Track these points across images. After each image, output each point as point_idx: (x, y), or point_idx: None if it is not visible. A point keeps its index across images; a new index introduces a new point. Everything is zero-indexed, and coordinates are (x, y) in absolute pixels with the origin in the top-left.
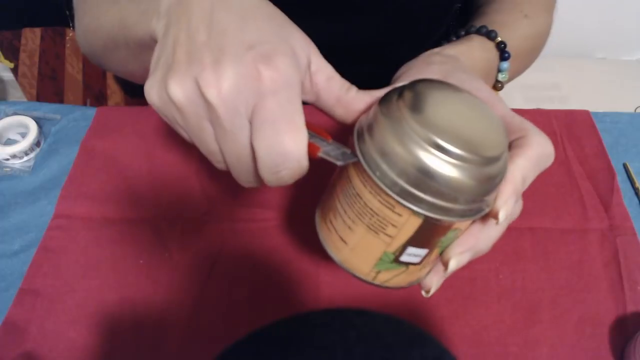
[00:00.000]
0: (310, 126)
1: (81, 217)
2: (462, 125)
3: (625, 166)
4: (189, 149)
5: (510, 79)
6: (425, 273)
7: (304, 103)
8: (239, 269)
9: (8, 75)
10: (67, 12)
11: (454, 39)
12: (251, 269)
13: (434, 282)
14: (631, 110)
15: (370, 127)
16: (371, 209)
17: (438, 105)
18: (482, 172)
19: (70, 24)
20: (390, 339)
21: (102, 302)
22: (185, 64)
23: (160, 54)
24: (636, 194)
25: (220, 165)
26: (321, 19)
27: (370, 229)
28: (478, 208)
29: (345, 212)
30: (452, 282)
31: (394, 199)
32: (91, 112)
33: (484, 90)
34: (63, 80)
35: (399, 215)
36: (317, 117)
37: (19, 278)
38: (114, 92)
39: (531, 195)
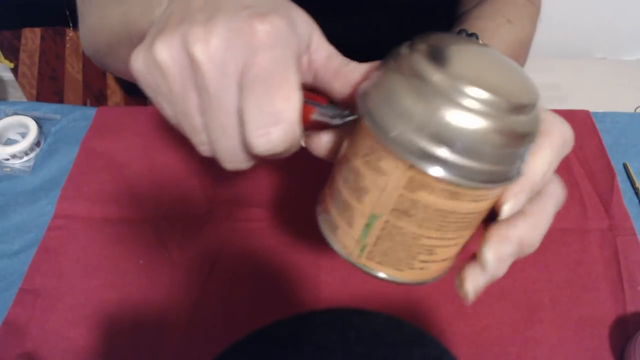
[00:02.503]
0: (305, 92)
1: (81, 217)
2: (488, 72)
3: (625, 166)
4: (189, 149)
5: None
6: (444, 267)
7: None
8: (239, 269)
9: (8, 75)
10: (67, 12)
11: None
12: (251, 269)
13: (475, 283)
14: (631, 110)
15: (377, 86)
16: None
17: (456, 53)
18: (514, 122)
19: (70, 24)
20: (390, 339)
21: (102, 302)
22: (177, 24)
23: (154, 27)
24: (636, 194)
25: (203, 148)
26: (320, 17)
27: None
28: (506, 173)
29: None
30: (452, 282)
31: (404, 158)
32: (91, 112)
33: None
34: (63, 80)
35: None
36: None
37: (19, 278)
38: (114, 92)
39: None
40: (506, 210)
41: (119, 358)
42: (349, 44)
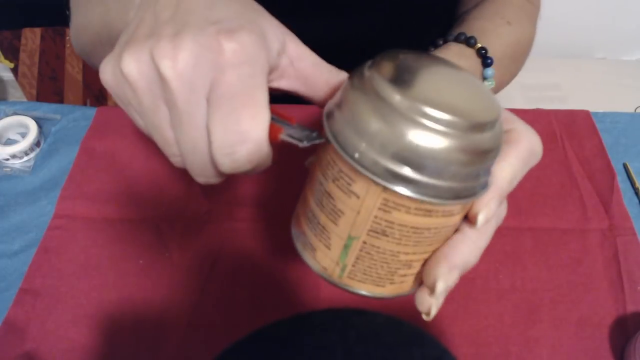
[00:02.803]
0: (274, 109)
1: (81, 217)
2: (448, 92)
3: (625, 166)
4: None
5: (496, 90)
6: (411, 283)
7: (291, 95)
8: (239, 269)
9: (8, 75)
10: (67, 12)
11: (432, 49)
12: (251, 269)
13: (429, 303)
14: (631, 110)
15: (340, 105)
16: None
17: (417, 72)
18: (476, 141)
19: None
20: (390, 339)
21: (102, 302)
22: (144, 37)
23: (124, 35)
24: (636, 194)
25: (176, 160)
26: (317, 17)
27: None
28: (474, 188)
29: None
30: None
31: (375, 181)
32: (91, 112)
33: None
34: (63, 80)
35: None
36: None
37: (19, 278)
38: None
39: (531, 195)
40: (481, 219)
41: (119, 358)
42: (346, 44)
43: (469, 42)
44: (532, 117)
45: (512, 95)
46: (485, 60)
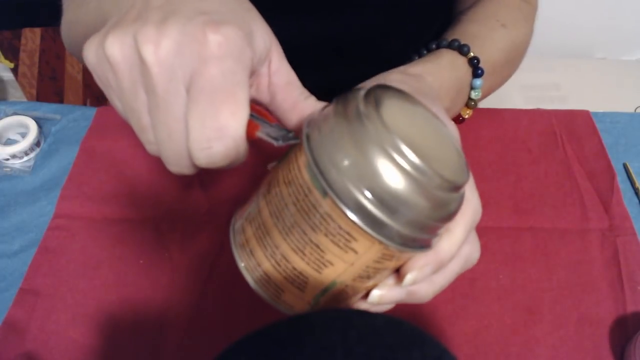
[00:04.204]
0: (253, 106)
1: (81, 217)
2: (430, 143)
3: (625, 166)
4: None
5: (485, 95)
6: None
7: (256, 103)
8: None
9: (8, 75)
10: None
11: (425, 52)
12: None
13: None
14: (631, 110)
15: (321, 127)
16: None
17: (401, 115)
18: (440, 195)
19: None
20: (390, 339)
21: (102, 302)
22: (131, 21)
23: (113, 18)
24: (636, 194)
25: (150, 147)
26: (311, 15)
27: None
28: (421, 240)
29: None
30: (452, 282)
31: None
32: (91, 112)
33: (440, 117)
34: (63, 80)
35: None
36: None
37: (19, 278)
38: None
39: (531, 195)
40: (408, 279)
41: (119, 358)
42: (340, 42)
43: (462, 50)
44: (532, 117)
45: (512, 95)
46: (476, 70)
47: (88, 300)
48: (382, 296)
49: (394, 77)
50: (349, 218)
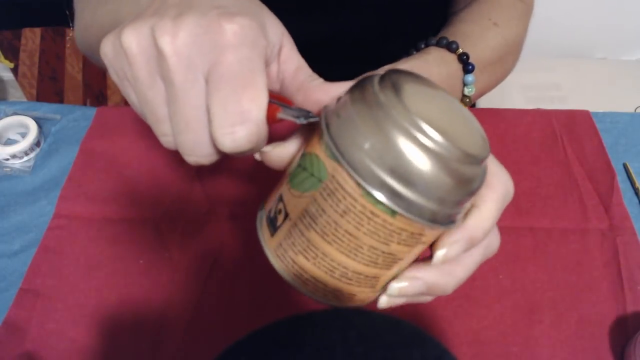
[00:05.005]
0: (271, 93)
1: (81, 217)
2: (449, 120)
3: (625, 166)
4: None
5: (481, 94)
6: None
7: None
8: (239, 269)
9: (8, 75)
10: (67, 12)
11: (414, 52)
12: (251, 269)
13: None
14: (631, 110)
15: (339, 112)
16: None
17: (419, 96)
18: (464, 170)
19: (70, 24)
20: (390, 339)
21: (102, 302)
22: (149, 15)
23: (132, 16)
24: (636, 194)
25: (166, 140)
26: (310, 15)
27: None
28: (448, 216)
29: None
30: None
31: (362, 186)
32: (91, 112)
33: None
34: (63, 80)
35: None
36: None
37: (19, 278)
38: (114, 92)
39: (531, 195)
40: (439, 256)
41: (119, 358)
42: (339, 42)
43: (451, 47)
44: (532, 117)
45: (512, 95)
46: (466, 66)
47: (88, 300)
48: (402, 289)
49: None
50: (376, 199)
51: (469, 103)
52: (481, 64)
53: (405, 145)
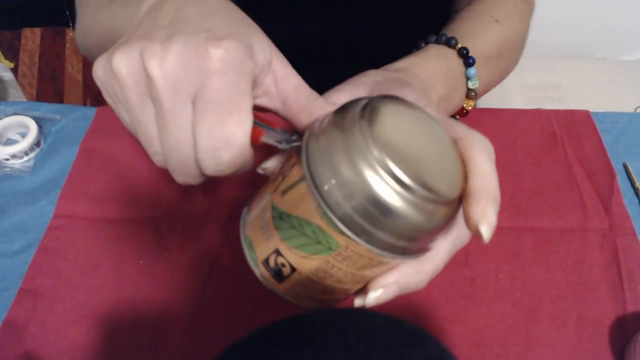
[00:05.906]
0: (256, 114)
1: (81, 217)
2: (421, 157)
3: (625, 166)
4: None
5: (485, 88)
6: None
7: (268, 110)
8: (239, 269)
9: (8, 75)
10: (67, 12)
11: (414, 51)
12: (251, 269)
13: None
14: (631, 110)
15: (319, 136)
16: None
17: (397, 128)
18: (430, 210)
19: (70, 24)
20: (390, 339)
21: (102, 302)
22: (138, 38)
23: (123, 37)
24: (636, 194)
25: (157, 159)
26: (309, 15)
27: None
28: (415, 248)
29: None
30: (452, 282)
31: (325, 213)
32: (91, 112)
33: (429, 111)
34: (63, 80)
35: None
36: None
37: (19, 278)
38: None
39: (531, 195)
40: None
41: (119, 358)
42: (339, 42)
43: (450, 43)
44: (532, 117)
45: (512, 95)
46: (466, 60)
47: (88, 300)
48: (378, 297)
49: (370, 73)
50: (341, 230)
51: (475, 97)
52: (482, 58)
53: (370, 180)
